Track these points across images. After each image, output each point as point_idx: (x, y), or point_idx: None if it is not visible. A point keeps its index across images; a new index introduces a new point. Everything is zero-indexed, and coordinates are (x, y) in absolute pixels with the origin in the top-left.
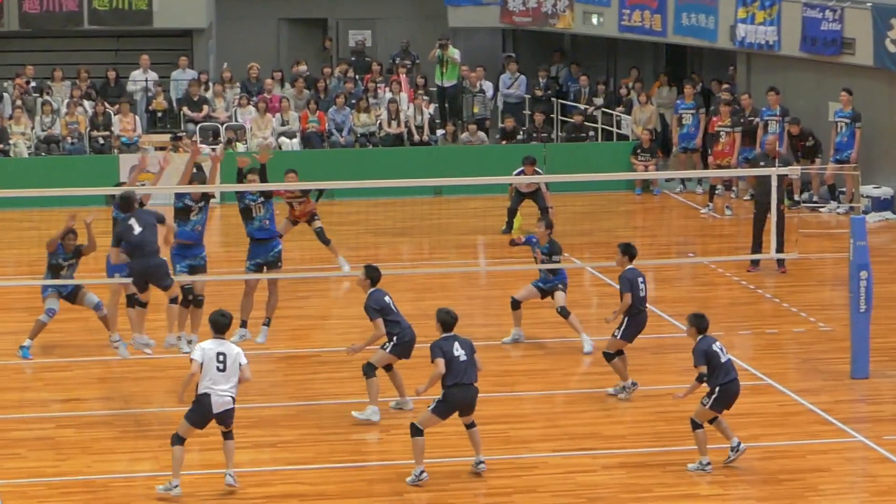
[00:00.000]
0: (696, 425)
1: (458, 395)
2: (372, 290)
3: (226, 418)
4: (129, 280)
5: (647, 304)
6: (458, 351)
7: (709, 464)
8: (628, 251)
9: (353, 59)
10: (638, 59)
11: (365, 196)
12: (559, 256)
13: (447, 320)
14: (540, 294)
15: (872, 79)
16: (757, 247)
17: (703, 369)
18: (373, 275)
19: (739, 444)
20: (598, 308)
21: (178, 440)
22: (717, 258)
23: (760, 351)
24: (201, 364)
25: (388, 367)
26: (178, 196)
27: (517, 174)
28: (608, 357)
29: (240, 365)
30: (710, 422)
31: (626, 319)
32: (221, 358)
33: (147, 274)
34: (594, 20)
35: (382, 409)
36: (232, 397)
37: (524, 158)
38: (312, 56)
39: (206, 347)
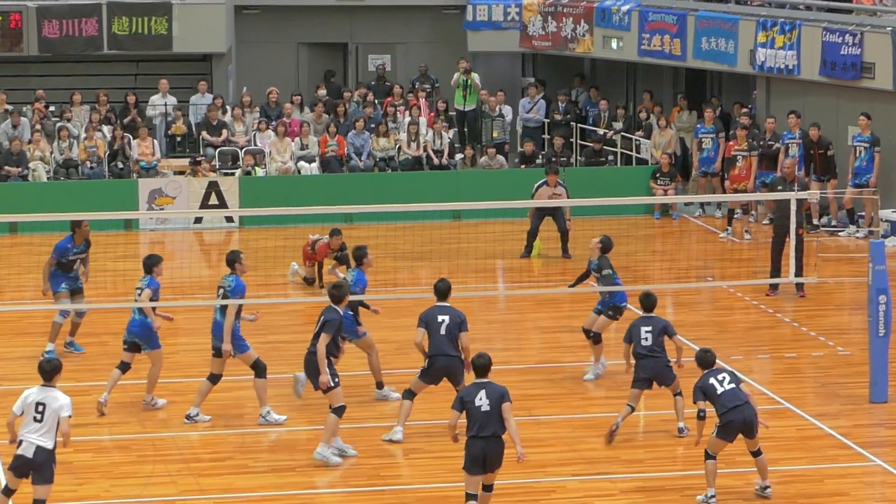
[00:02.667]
0: (707, 455)
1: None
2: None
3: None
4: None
5: None
6: (481, 400)
7: (713, 497)
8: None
9: (373, 83)
10: (657, 84)
11: (384, 220)
12: (608, 271)
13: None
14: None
15: (892, 103)
16: (776, 271)
17: (702, 405)
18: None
19: (767, 488)
20: (615, 332)
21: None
22: (736, 282)
23: (779, 375)
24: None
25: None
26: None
27: (539, 186)
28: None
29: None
30: (755, 456)
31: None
32: (41, 408)
33: None
34: (614, 45)
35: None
36: (39, 447)
37: (547, 168)
38: (331, 80)
39: (28, 394)
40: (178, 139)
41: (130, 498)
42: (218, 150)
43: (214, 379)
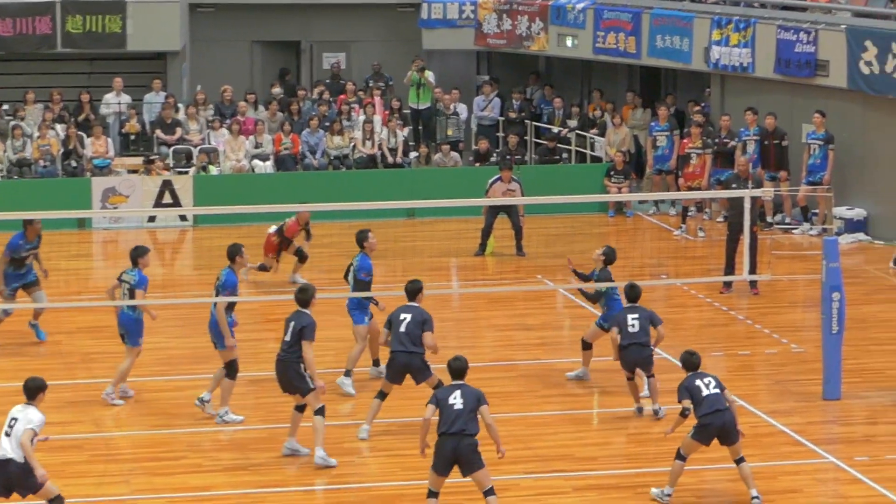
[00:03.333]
0: (678, 455)
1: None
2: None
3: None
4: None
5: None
6: (455, 399)
7: (669, 495)
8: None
9: (327, 81)
10: (612, 82)
11: (338, 219)
12: (602, 284)
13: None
14: (604, 330)
15: (846, 101)
16: (730, 268)
17: (686, 403)
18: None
19: (756, 498)
20: (570, 330)
21: None
22: (690, 280)
23: (733, 372)
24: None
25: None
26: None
27: (493, 182)
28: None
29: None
30: (738, 464)
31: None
32: (12, 423)
33: None
34: (569, 42)
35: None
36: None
37: (501, 164)
38: (286, 79)
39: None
40: (132, 138)
41: (83, 497)
42: (172, 148)
43: (231, 373)
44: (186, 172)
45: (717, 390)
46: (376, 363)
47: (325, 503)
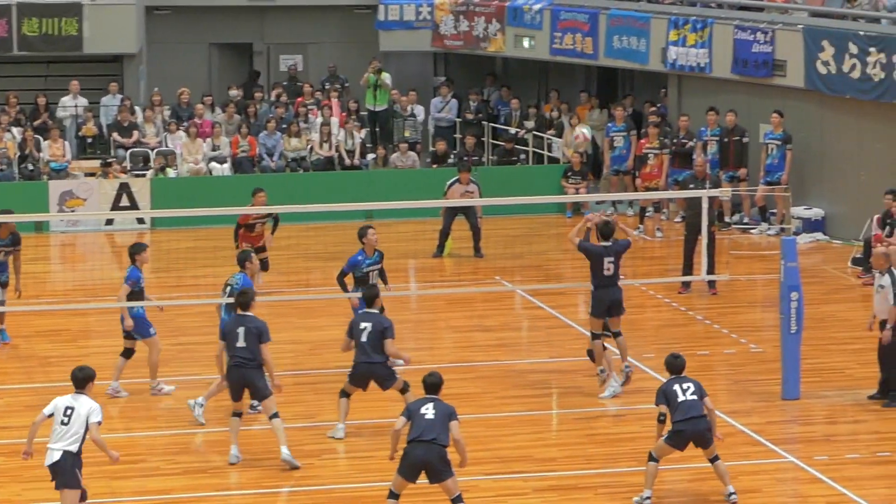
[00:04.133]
0: (651, 457)
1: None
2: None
3: (57, 475)
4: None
5: (581, 327)
6: (427, 410)
7: (648, 498)
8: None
9: (285, 83)
10: (570, 82)
11: (296, 221)
12: None
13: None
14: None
15: (803, 101)
16: (688, 268)
17: (663, 409)
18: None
19: (732, 494)
20: (528, 331)
21: None
22: (648, 280)
23: (692, 372)
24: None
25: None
26: None
27: (451, 184)
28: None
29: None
30: (712, 462)
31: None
32: (69, 412)
33: None
34: (525, 43)
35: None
36: (66, 451)
37: (459, 166)
38: (243, 80)
39: (58, 400)
40: (89, 140)
41: (42, 501)
42: (129, 151)
43: None
44: (144, 175)
45: (695, 397)
46: None
47: None
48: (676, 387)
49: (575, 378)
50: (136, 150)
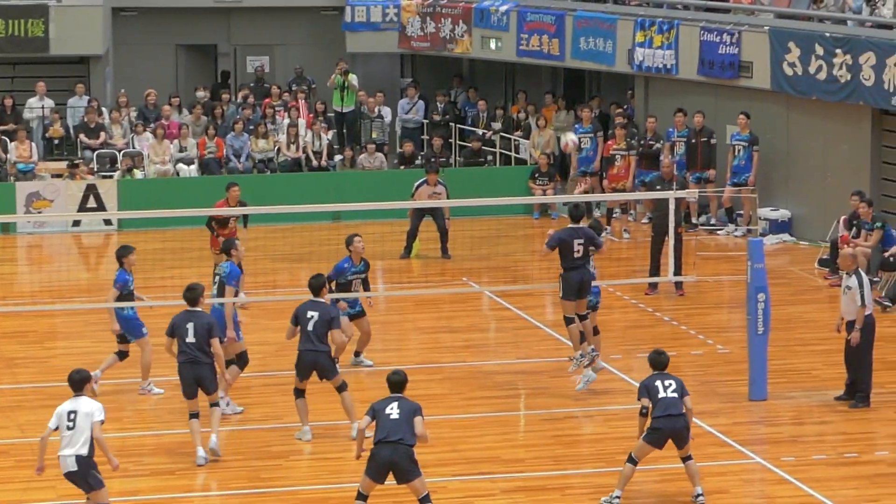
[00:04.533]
0: (630, 459)
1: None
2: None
3: (79, 483)
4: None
5: (548, 328)
6: (392, 410)
7: (618, 497)
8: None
9: (252, 84)
10: (537, 84)
11: (263, 222)
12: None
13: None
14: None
15: (770, 102)
16: (655, 270)
17: (645, 402)
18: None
19: (700, 496)
20: (495, 332)
21: None
22: (615, 281)
23: None
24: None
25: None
26: None
27: (419, 185)
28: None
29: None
30: (685, 461)
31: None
32: (72, 416)
33: None
34: (492, 45)
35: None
36: (78, 456)
37: (427, 167)
38: (210, 82)
39: (60, 408)
40: (56, 142)
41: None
42: (96, 152)
43: (241, 364)
44: (111, 177)
45: (675, 395)
46: (357, 354)
47: None
48: (658, 382)
49: (542, 379)
50: (102, 151)
